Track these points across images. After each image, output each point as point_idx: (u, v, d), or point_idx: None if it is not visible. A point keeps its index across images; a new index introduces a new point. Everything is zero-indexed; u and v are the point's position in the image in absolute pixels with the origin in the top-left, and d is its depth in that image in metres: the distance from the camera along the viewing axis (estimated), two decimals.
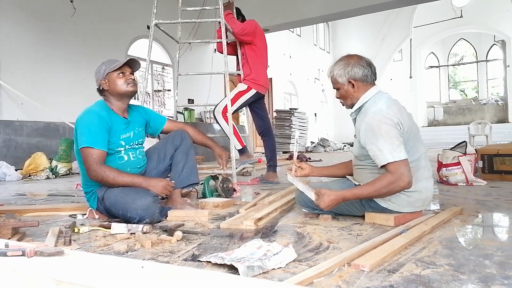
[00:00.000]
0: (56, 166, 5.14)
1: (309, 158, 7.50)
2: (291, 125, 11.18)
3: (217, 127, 8.25)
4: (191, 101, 8.93)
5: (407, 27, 16.24)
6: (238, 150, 3.70)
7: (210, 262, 1.25)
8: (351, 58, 1.89)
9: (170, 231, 1.64)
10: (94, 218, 2.13)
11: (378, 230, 1.69)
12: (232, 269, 1.16)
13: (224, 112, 3.61)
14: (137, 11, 7.80)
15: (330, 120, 17.25)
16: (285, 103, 13.78)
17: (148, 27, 3.71)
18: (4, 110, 5.85)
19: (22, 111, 6.04)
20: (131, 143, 2.21)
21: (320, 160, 7.48)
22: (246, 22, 3.80)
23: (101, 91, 2.17)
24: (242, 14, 4.09)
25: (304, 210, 2.07)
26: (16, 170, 5.03)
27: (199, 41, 4.46)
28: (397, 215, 1.77)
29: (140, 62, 2.38)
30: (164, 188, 2.07)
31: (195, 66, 8.95)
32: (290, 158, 8.01)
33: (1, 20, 5.90)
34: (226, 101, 3.52)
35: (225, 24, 3.52)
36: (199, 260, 1.30)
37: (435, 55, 19.26)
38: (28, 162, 5.09)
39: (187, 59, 8.26)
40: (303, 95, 15.02)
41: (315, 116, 15.79)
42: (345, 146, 13.68)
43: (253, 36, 3.71)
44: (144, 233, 1.67)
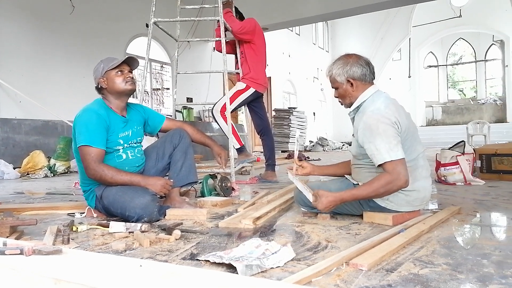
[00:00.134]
0: (54, 164, 5.13)
1: (307, 157, 7.49)
2: (290, 124, 11.18)
3: (215, 125, 8.25)
4: (189, 99, 8.93)
5: (406, 27, 16.26)
6: (236, 149, 3.70)
7: (209, 261, 1.25)
8: (350, 57, 1.89)
9: (168, 230, 1.64)
10: (92, 217, 2.12)
11: (376, 229, 1.69)
12: (231, 268, 1.16)
13: (222, 111, 3.61)
14: (136, 9, 7.79)
15: (329, 119, 17.27)
16: (284, 102, 13.79)
17: (147, 25, 3.70)
18: (2, 108, 5.84)
19: (21, 109, 6.03)
20: (130, 142, 2.20)
21: (319, 159, 7.48)
22: (245, 20, 3.78)
23: (99, 90, 2.17)
24: (240, 12, 4.08)
25: (302, 209, 2.07)
26: (14, 168, 5.03)
27: (198, 39, 4.44)
28: (395, 215, 1.77)
29: (139, 60, 2.37)
30: (163, 187, 2.07)
31: (194, 64, 8.94)
32: (289, 157, 8.02)
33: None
34: (224, 99, 3.52)
35: (224, 23, 3.51)
36: (197, 259, 1.30)
37: (434, 54, 19.29)
38: (26, 161, 5.08)
39: (186, 57, 8.25)
40: (302, 94, 15.03)
41: (314, 115, 15.80)
42: (343, 145, 13.70)
43: (252, 34, 3.70)
44: (142, 231, 1.67)
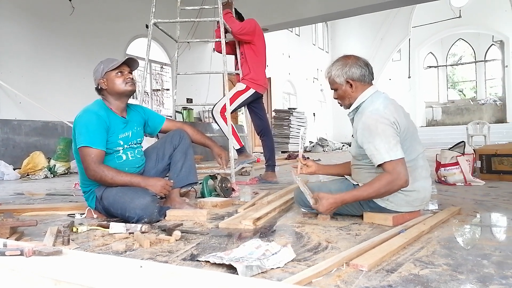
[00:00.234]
0: (54, 165, 5.13)
1: (307, 158, 7.49)
2: (290, 125, 11.19)
3: (215, 126, 8.25)
4: (189, 100, 8.93)
5: (406, 27, 16.27)
6: (236, 149, 3.70)
7: (209, 261, 1.24)
8: (349, 59, 1.89)
9: (168, 231, 1.64)
10: (92, 218, 2.12)
11: (376, 230, 1.69)
12: (231, 268, 1.16)
13: (222, 112, 3.61)
14: (135, 10, 7.79)
15: (328, 120, 17.27)
16: (283, 103, 13.79)
17: (147, 26, 3.70)
18: (2, 109, 5.84)
19: (21, 110, 6.03)
20: (130, 143, 2.20)
21: (319, 160, 7.48)
22: (246, 21, 3.78)
23: (99, 90, 2.17)
24: (239, 13, 4.07)
25: (302, 210, 2.07)
26: (14, 169, 5.03)
27: (198, 40, 4.45)
28: (395, 215, 1.77)
29: (139, 61, 2.37)
30: (163, 188, 2.07)
31: (194, 65, 8.94)
32: (289, 157, 8.02)
33: None
34: (224, 100, 3.52)
35: (224, 24, 3.51)
36: (197, 260, 1.29)
37: (434, 55, 19.30)
38: (26, 161, 5.08)
39: (186, 58, 8.26)
40: (302, 94, 15.03)
41: (314, 115, 15.80)
42: (343, 146, 13.70)
43: (252, 35, 3.70)
44: (142, 232, 1.66)
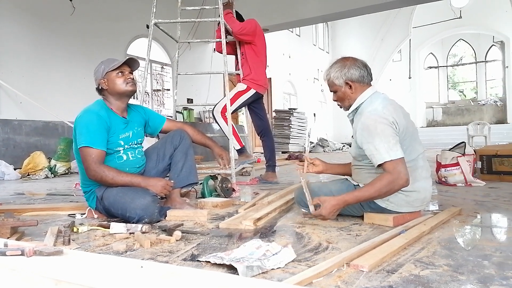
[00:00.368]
0: (55, 165, 5.13)
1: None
2: (290, 125, 11.19)
3: (216, 126, 8.25)
4: (190, 100, 8.93)
5: (406, 28, 16.26)
6: (237, 150, 3.69)
7: (209, 262, 1.25)
8: (347, 60, 1.90)
9: (169, 231, 1.64)
10: (93, 218, 2.12)
11: (377, 230, 1.69)
12: (231, 269, 1.16)
13: (223, 112, 3.60)
14: (136, 10, 7.80)
15: (329, 120, 17.26)
16: (284, 103, 13.79)
17: (148, 26, 3.70)
18: (3, 109, 5.85)
19: (21, 110, 6.03)
20: (130, 143, 2.20)
21: None
22: (246, 21, 3.77)
23: (100, 91, 2.17)
24: (240, 14, 4.06)
25: (303, 210, 2.07)
26: (14, 169, 5.03)
27: (199, 40, 4.44)
28: (396, 216, 1.77)
29: (139, 61, 2.37)
30: (163, 188, 2.07)
31: (194, 65, 8.95)
32: (289, 158, 8.02)
33: (0, 18, 5.89)
34: (225, 100, 3.52)
35: (224, 24, 3.51)
36: (198, 260, 1.30)
37: (434, 55, 19.30)
38: (27, 161, 5.08)
39: (187, 58, 8.26)
40: (302, 95, 15.03)
41: (314, 116, 15.80)
42: (344, 146, 13.70)
43: (252, 35, 3.69)
44: (143, 232, 1.66)
